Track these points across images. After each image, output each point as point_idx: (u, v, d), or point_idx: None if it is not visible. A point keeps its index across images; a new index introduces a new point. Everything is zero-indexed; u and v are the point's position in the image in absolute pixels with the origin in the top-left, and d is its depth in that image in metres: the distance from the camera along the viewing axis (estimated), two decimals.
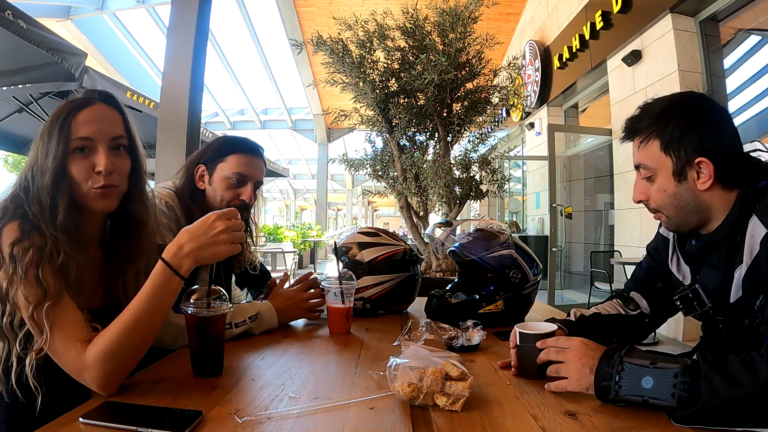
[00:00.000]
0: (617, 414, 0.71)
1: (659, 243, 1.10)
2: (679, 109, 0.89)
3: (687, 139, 0.86)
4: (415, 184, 2.83)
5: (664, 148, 0.88)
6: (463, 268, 1.39)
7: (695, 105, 0.90)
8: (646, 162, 0.91)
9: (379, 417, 0.70)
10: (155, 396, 0.77)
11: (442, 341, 1.06)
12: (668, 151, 0.88)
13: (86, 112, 0.88)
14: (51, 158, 0.85)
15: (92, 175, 0.87)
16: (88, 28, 7.30)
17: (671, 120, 0.88)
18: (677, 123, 0.87)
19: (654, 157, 0.90)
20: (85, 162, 0.87)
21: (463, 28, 2.65)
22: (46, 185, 0.84)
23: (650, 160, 0.90)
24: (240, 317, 1.16)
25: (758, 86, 3.78)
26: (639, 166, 0.93)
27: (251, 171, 1.30)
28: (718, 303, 0.92)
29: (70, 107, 0.87)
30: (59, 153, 0.85)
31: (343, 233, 11.34)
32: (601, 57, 5.00)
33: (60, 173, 0.85)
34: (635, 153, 0.94)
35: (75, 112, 0.87)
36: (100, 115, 0.89)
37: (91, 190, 0.87)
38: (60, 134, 0.85)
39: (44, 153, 0.86)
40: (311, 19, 7.11)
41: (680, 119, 0.88)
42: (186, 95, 2.64)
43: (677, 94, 0.93)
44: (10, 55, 2.70)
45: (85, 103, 0.88)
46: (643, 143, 0.91)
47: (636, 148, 0.93)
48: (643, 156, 0.91)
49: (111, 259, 0.96)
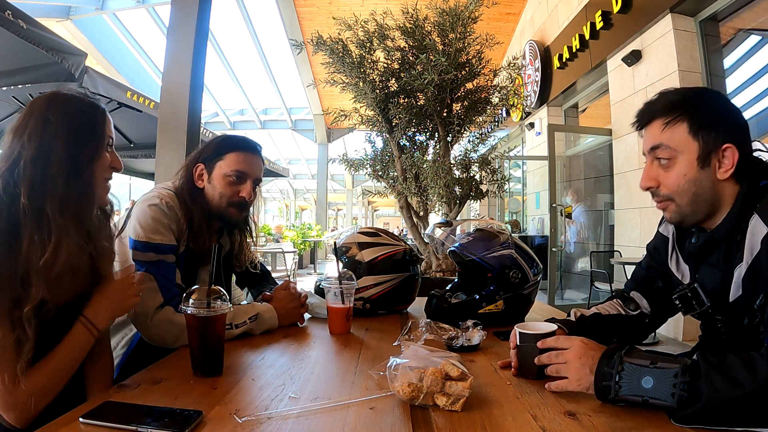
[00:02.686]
0: (617, 414, 0.71)
1: (659, 242, 1.09)
2: (711, 96, 0.90)
3: (719, 124, 0.86)
4: (415, 184, 2.83)
5: (693, 132, 0.86)
6: (463, 268, 1.39)
7: (722, 96, 0.92)
8: (669, 144, 0.88)
9: (379, 417, 0.70)
10: (155, 396, 0.77)
11: (442, 341, 1.06)
12: (697, 135, 0.86)
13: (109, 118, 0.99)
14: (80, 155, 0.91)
15: (107, 171, 0.98)
16: (88, 28, 7.31)
17: (703, 104, 0.88)
18: (710, 108, 0.88)
19: (679, 139, 0.87)
20: (106, 159, 0.97)
21: (463, 28, 2.65)
22: (66, 181, 0.88)
23: (674, 142, 0.88)
24: (240, 318, 1.16)
25: (758, 86, 3.78)
26: (657, 147, 0.90)
27: (250, 168, 1.30)
28: (717, 302, 0.92)
29: (101, 113, 0.97)
30: (93, 151, 0.93)
31: (343, 233, 11.35)
32: (601, 57, 5.00)
33: (85, 168, 0.92)
34: (654, 135, 0.90)
35: (104, 116, 0.97)
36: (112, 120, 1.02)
37: (105, 185, 0.98)
38: (92, 136, 0.94)
39: (64, 148, 0.89)
40: (311, 19, 7.11)
41: (713, 105, 0.88)
42: (186, 95, 2.64)
43: (697, 87, 0.94)
44: (10, 55, 2.70)
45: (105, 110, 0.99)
46: (669, 125, 0.88)
47: (658, 130, 0.90)
48: (667, 137, 0.88)
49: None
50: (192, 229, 1.25)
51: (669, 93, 0.92)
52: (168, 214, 1.20)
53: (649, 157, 0.93)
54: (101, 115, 0.97)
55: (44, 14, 6.50)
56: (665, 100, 0.91)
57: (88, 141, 0.93)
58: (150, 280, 1.11)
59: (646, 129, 0.93)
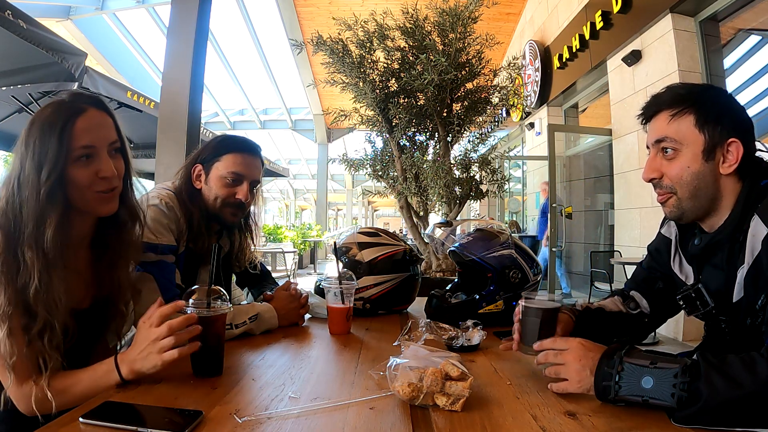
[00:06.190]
0: (617, 414, 0.71)
1: (661, 243, 1.09)
2: (718, 91, 0.91)
3: (725, 118, 0.87)
4: (415, 184, 2.83)
5: (699, 124, 0.87)
6: (463, 268, 1.39)
7: (727, 92, 0.93)
8: (675, 136, 0.88)
9: (379, 417, 0.70)
10: (155, 396, 0.77)
11: (442, 341, 1.06)
12: (703, 128, 0.87)
13: (83, 119, 0.87)
14: (48, 168, 0.83)
15: (95, 180, 0.88)
16: (88, 28, 7.31)
17: (710, 98, 0.89)
18: (717, 102, 0.88)
19: (685, 131, 0.88)
20: (88, 168, 0.87)
21: (463, 28, 2.65)
22: (37, 198, 0.82)
23: (680, 135, 0.88)
24: (240, 318, 1.16)
25: (758, 86, 3.78)
26: (662, 140, 0.90)
27: (247, 170, 1.30)
28: (721, 303, 0.92)
29: (65, 115, 0.85)
30: (60, 162, 0.83)
31: (342, 233, 11.35)
32: (601, 57, 5.00)
33: (57, 182, 0.84)
34: (660, 126, 0.91)
35: (72, 120, 0.85)
36: (95, 121, 0.89)
37: (95, 195, 0.89)
38: (60, 143, 0.83)
39: (35, 163, 0.83)
40: (311, 19, 7.11)
41: (720, 100, 0.89)
42: (186, 95, 2.65)
43: (704, 83, 0.94)
44: (10, 55, 2.70)
45: (78, 111, 0.87)
46: (675, 117, 0.89)
47: (664, 122, 0.90)
48: (673, 130, 0.89)
49: (101, 257, 0.97)
50: (192, 229, 1.25)
51: (676, 87, 0.93)
52: (167, 215, 1.20)
53: (653, 149, 0.93)
54: (65, 122, 0.84)
55: (44, 14, 6.50)
56: (672, 93, 0.91)
57: (44, 160, 0.82)
58: (150, 281, 1.11)
59: (652, 121, 0.93)
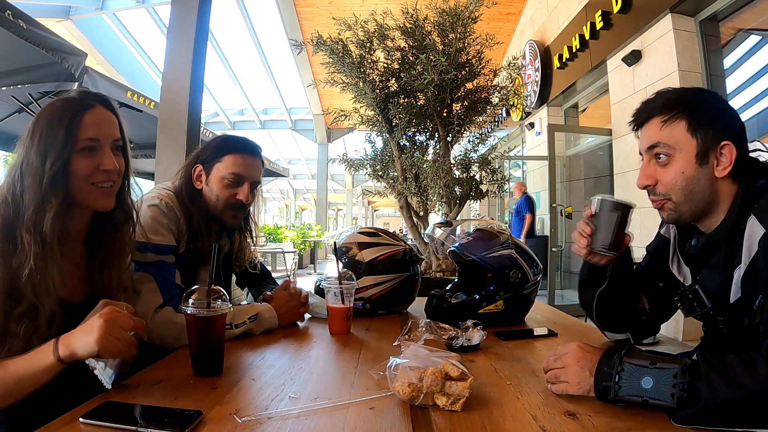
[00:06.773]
0: (617, 414, 0.71)
1: (660, 244, 1.10)
2: (708, 95, 0.91)
3: (717, 122, 0.87)
4: (415, 184, 2.83)
5: (691, 129, 0.87)
6: (463, 268, 1.39)
7: (718, 96, 0.93)
8: (668, 141, 0.89)
9: (379, 417, 0.70)
10: (155, 396, 0.77)
11: (442, 341, 1.06)
12: (695, 133, 0.87)
13: (90, 114, 0.91)
14: (53, 156, 0.86)
15: (96, 172, 0.91)
16: (88, 28, 7.31)
17: (701, 103, 0.89)
18: (708, 106, 0.88)
19: (677, 137, 0.88)
20: (91, 160, 0.90)
21: (463, 28, 2.65)
22: (40, 184, 0.85)
23: (672, 140, 0.88)
24: (240, 318, 1.16)
25: (758, 86, 3.78)
26: (655, 146, 0.90)
27: (248, 171, 1.30)
28: (719, 303, 0.92)
29: (73, 109, 0.90)
30: (66, 151, 0.87)
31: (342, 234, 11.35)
32: (601, 57, 5.00)
33: (60, 170, 0.87)
34: (652, 133, 0.91)
35: (81, 114, 0.90)
36: (102, 118, 0.93)
37: (93, 188, 0.91)
38: (67, 133, 0.87)
39: (40, 152, 0.86)
40: (311, 19, 7.11)
41: (711, 103, 0.89)
42: (186, 95, 2.65)
43: (694, 87, 0.95)
44: (10, 55, 2.70)
45: (87, 106, 0.91)
46: (667, 123, 0.89)
47: (656, 128, 0.90)
48: (665, 135, 0.89)
49: (95, 254, 0.98)
50: (192, 229, 1.25)
51: (667, 92, 0.93)
52: (167, 215, 1.20)
53: (647, 156, 0.93)
54: (74, 114, 0.88)
55: (44, 14, 6.50)
56: (663, 99, 0.91)
57: (50, 148, 0.86)
58: (150, 281, 1.11)
59: (644, 127, 0.93)
